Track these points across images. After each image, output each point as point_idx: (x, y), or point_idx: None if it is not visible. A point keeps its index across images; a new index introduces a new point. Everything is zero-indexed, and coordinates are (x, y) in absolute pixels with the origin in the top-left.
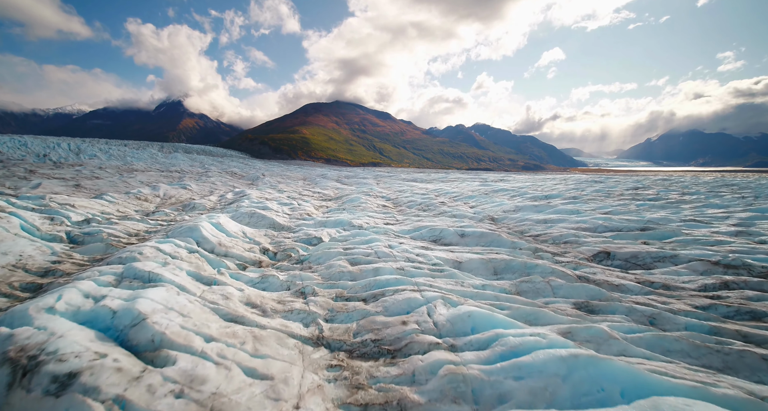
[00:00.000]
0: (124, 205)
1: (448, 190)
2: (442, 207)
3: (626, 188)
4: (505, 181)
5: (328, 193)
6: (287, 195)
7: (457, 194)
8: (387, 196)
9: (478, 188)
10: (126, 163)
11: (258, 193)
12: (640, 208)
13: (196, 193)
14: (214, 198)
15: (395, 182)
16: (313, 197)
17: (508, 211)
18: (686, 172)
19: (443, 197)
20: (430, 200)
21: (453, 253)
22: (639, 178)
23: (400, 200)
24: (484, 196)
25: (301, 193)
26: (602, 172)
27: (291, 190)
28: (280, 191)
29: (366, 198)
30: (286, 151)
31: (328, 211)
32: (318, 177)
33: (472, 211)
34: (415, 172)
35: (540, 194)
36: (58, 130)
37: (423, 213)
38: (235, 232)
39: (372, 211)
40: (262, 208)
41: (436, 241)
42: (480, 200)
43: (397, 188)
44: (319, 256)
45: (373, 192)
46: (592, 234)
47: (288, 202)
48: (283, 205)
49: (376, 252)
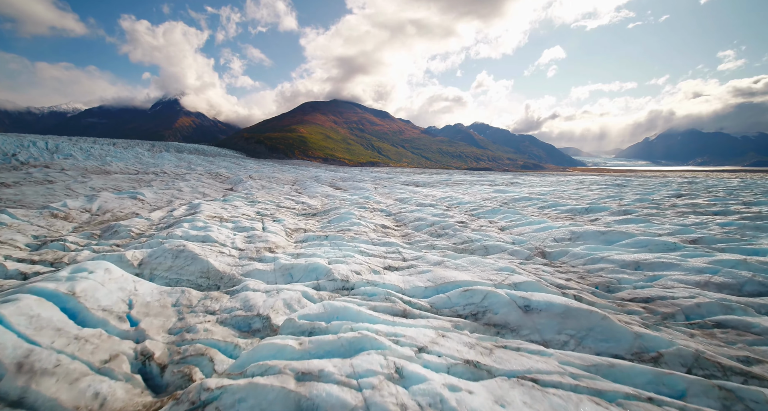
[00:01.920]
0: (17, 230)
1: (459, 199)
2: (463, 231)
3: (668, 195)
4: (516, 184)
5: (315, 203)
6: (258, 209)
7: (473, 206)
8: (387, 210)
9: (493, 195)
10: (103, 163)
11: (217, 206)
12: (741, 230)
13: (148, 203)
14: (159, 215)
15: (395, 187)
16: (293, 212)
17: (561, 241)
18: (696, 172)
19: (458, 211)
20: (443, 217)
21: (539, 391)
22: (661, 180)
23: (404, 216)
24: (509, 210)
25: (279, 205)
26: (608, 172)
27: (269, 199)
28: (252, 203)
29: (360, 214)
30: (283, 150)
31: (304, 242)
32: (310, 180)
33: (508, 238)
34: (416, 173)
35: (577, 206)
36: (53, 129)
37: (439, 241)
38: (109, 306)
39: (366, 240)
40: (202, 238)
41: (477, 318)
42: (508, 217)
43: (398, 195)
44: (241, 396)
45: (369, 202)
46: (749, 302)
47: (249, 224)
48: (237, 232)
49: (367, 403)
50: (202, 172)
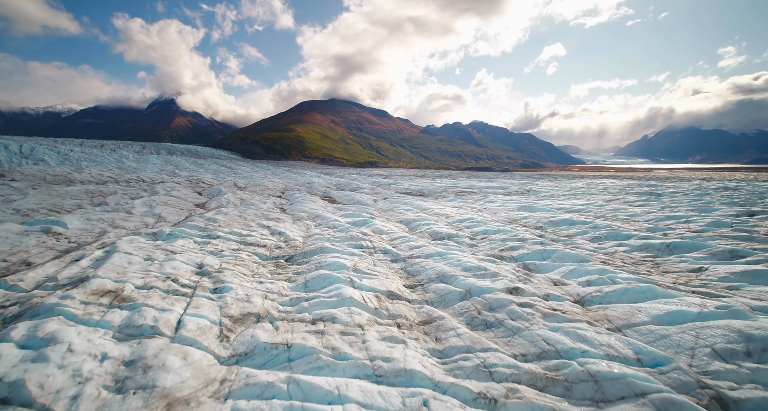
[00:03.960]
0: None
1: (480, 222)
2: (525, 317)
3: (735, 212)
4: (534, 192)
5: (296, 235)
6: (205, 257)
7: (504, 236)
8: (393, 252)
9: (521, 215)
10: (76, 169)
11: (141, 255)
12: None
13: (66, 239)
14: (49, 271)
15: (398, 200)
16: (258, 256)
17: (732, 357)
18: (706, 170)
19: (489, 247)
20: (478, 274)
21: None
22: (689, 185)
23: (418, 268)
24: (562, 250)
25: (244, 241)
26: (612, 171)
27: (236, 229)
28: (207, 238)
29: (354, 264)
30: (279, 150)
31: (235, 381)
32: (301, 189)
33: (621, 344)
34: (417, 175)
35: (652, 240)
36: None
37: (492, 345)
38: None
39: (360, 364)
40: (17, 384)
41: None
42: (568, 265)
43: (403, 214)
44: None
45: (368, 232)
46: None
47: (155, 314)
48: (111, 349)
49: None
50: (181, 180)
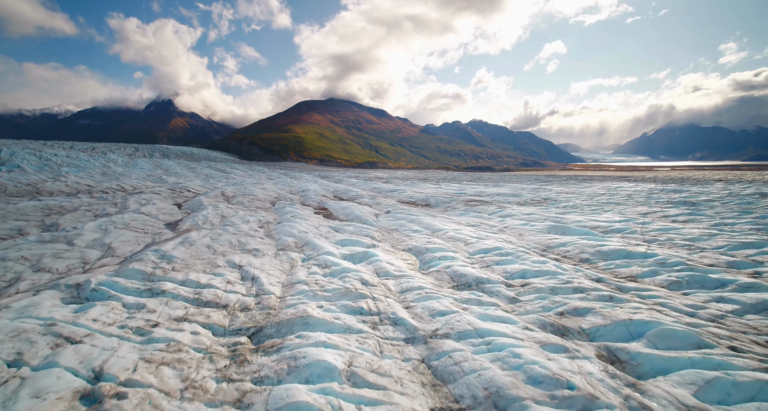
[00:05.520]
0: None
1: (512, 255)
2: None
3: None
4: (552, 201)
5: (271, 281)
6: (97, 367)
7: (553, 281)
8: (408, 323)
9: (556, 240)
10: (53, 176)
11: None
12: None
13: None
14: None
15: (403, 216)
16: (208, 339)
17: None
18: (709, 168)
19: (547, 317)
20: (553, 385)
21: None
22: (717, 189)
23: (449, 363)
24: (647, 322)
25: (197, 298)
26: (616, 170)
27: (194, 273)
28: (140, 301)
29: (347, 360)
30: (277, 151)
31: None
32: (292, 201)
33: None
34: (419, 178)
35: (754, 297)
36: (45, 131)
37: None
38: None
39: None
40: None
41: None
42: (719, 385)
43: (412, 239)
44: None
45: (369, 287)
46: None
47: None
48: None
49: None
50: (163, 189)
